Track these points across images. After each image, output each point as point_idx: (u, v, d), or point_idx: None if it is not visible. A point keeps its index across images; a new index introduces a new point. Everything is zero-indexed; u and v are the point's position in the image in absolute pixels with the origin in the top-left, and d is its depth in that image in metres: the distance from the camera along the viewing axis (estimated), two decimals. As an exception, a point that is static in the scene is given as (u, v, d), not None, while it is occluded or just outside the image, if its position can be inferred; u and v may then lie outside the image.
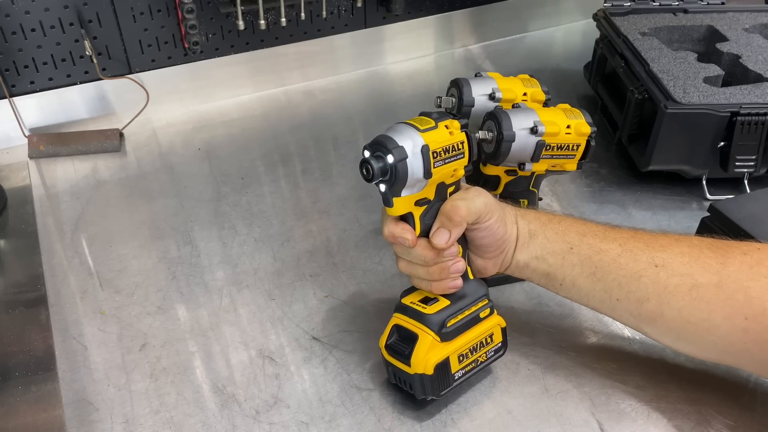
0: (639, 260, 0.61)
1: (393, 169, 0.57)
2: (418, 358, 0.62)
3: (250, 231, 0.88)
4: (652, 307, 0.60)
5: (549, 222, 0.65)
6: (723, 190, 0.92)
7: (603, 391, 0.68)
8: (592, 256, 0.62)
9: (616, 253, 0.62)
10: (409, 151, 0.57)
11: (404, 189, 0.58)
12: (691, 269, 0.59)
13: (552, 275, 0.65)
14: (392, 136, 0.57)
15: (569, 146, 0.69)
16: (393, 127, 0.59)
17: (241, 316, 0.76)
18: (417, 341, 0.62)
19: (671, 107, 0.86)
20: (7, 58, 0.97)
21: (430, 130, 0.58)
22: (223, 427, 0.65)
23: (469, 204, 0.61)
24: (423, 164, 0.57)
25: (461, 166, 0.61)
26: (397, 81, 1.20)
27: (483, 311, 0.66)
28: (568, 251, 0.63)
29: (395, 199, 0.59)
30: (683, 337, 0.61)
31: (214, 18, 1.05)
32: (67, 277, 0.81)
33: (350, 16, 1.16)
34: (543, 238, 0.64)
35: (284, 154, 1.02)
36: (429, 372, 0.61)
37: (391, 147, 0.57)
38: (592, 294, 0.63)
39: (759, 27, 1.05)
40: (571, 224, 0.65)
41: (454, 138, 0.60)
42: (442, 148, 0.59)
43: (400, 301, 0.66)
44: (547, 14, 1.35)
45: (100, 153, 1.02)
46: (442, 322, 0.62)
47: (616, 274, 0.61)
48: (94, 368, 0.70)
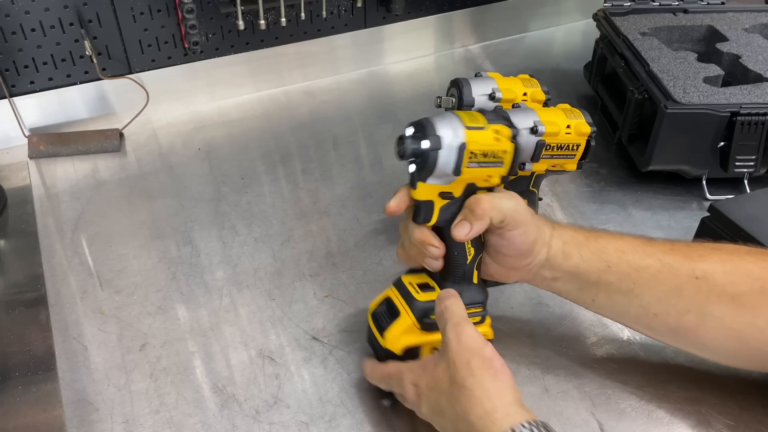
0: (679, 274, 0.60)
1: (424, 154, 0.56)
2: (391, 335, 0.63)
3: (250, 231, 0.88)
4: (692, 318, 0.59)
5: (586, 241, 0.63)
6: (723, 190, 0.92)
7: (603, 391, 0.68)
8: (630, 273, 0.61)
9: (656, 269, 0.60)
10: (446, 143, 0.56)
11: (431, 177, 0.58)
12: (733, 278, 0.59)
13: (584, 292, 0.64)
14: (435, 123, 0.56)
15: (569, 146, 0.69)
16: (442, 114, 0.58)
17: (241, 316, 0.76)
18: (397, 319, 0.63)
19: (671, 107, 0.86)
20: (7, 58, 0.97)
21: (476, 130, 0.57)
22: (223, 427, 0.65)
23: (494, 200, 0.59)
24: (455, 161, 0.56)
25: (497, 174, 0.60)
26: (397, 81, 1.20)
27: (473, 317, 0.65)
28: (606, 270, 0.62)
29: (420, 183, 0.59)
30: (726, 346, 0.60)
31: (214, 18, 1.05)
32: (67, 277, 0.81)
33: (350, 16, 1.16)
34: (578, 259, 0.63)
35: (284, 154, 1.02)
36: (396, 351, 0.63)
37: (428, 133, 0.56)
38: (627, 310, 0.62)
39: (759, 27, 1.05)
40: (609, 241, 0.63)
41: (499, 145, 0.58)
42: (482, 151, 0.57)
43: (400, 277, 0.67)
44: (547, 14, 1.34)
45: (100, 153, 1.02)
46: (427, 311, 0.63)
47: (655, 290, 0.60)
48: (94, 368, 0.70)
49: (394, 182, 0.95)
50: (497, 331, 0.74)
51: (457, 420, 0.53)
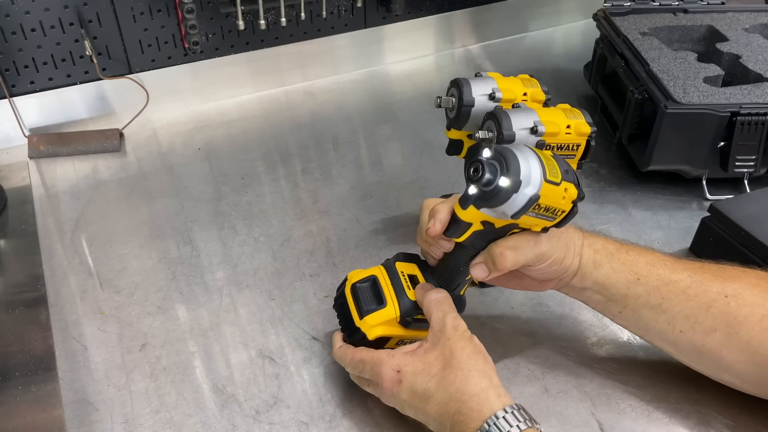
0: (709, 291, 0.59)
1: (496, 190, 0.53)
2: (372, 321, 0.63)
3: (250, 231, 0.88)
4: (719, 337, 0.59)
5: (617, 251, 0.63)
6: (723, 190, 0.92)
7: (603, 391, 0.68)
8: (660, 287, 0.61)
9: (686, 285, 0.60)
10: (523, 189, 0.53)
11: (487, 208, 0.56)
12: (763, 299, 0.58)
13: (612, 303, 0.63)
14: (521, 164, 0.53)
15: (569, 146, 0.69)
16: (528, 154, 0.54)
17: (241, 316, 0.76)
18: (382, 309, 0.63)
19: (671, 107, 0.86)
20: (7, 58, 0.97)
21: (552, 185, 0.55)
22: (223, 427, 0.65)
23: (518, 256, 0.59)
24: (521, 208, 0.54)
25: (542, 225, 0.59)
26: (397, 81, 1.20)
27: None
28: (635, 282, 0.62)
29: (472, 208, 0.57)
30: (749, 370, 0.59)
31: (214, 18, 1.05)
32: (67, 277, 0.81)
33: (350, 16, 1.16)
34: (608, 269, 0.63)
35: (284, 154, 1.02)
36: (370, 337, 0.63)
37: (512, 173, 0.53)
38: (652, 325, 0.62)
39: (759, 27, 1.05)
40: (640, 254, 0.63)
41: (563, 204, 0.56)
42: (546, 206, 0.56)
43: (394, 262, 0.67)
44: (547, 14, 1.34)
45: (100, 153, 1.02)
46: (413, 311, 0.64)
47: (683, 306, 0.60)
48: (94, 368, 0.70)
49: (394, 182, 0.96)
50: (497, 331, 0.74)
51: (449, 401, 0.56)
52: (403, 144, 1.04)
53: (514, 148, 0.55)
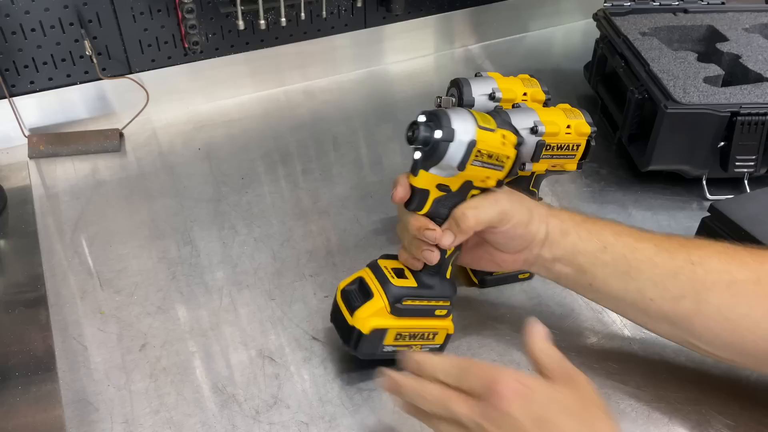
0: (675, 258, 0.60)
1: (435, 144, 0.57)
2: (363, 314, 0.64)
3: (250, 231, 0.88)
4: (688, 304, 0.59)
5: (583, 222, 0.65)
6: (723, 190, 0.92)
7: (603, 391, 0.68)
8: (626, 254, 0.62)
9: (652, 252, 0.61)
10: (458, 137, 0.57)
11: (434, 167, 0.59)
12: (729, 266, 0.59)
13: (582, 274, 0.64)
14: (450, 116, 0.57)
15: (569, 146, 0.69)
16: (458, 109, 0.59)
17: (241, 316, 0.76)
18: (369, 300, 0.64)
19: (671, 107, 0.86)
20: (7, 58, 0.97)
21: (487, 131, 0.58)
22: (223, 427, 0.65)
23: (479, 213, 0.61)
24: (462, 156, 0.57)
25: (495, 177, 0.61)
26: (397, 81, 1.20)
27: (439, 310, 0.67)
28: (602, 250, 0.63)
29: (422, 171, 0.60)
30: (721, 338, 0.59)
31: (214, 18, 1.05)
32: (67, 277, 0.81)
33: (350, 16, 1.16)
34: (575, 237, 0.64)
35: (284, 154, 1.02)
36: (364, 331, 0.64)
37: (444, 124, 0.57)
38: (623, 294, 0.62)
39: (759, 27, 1.05)
40: (606, 224, 0.65)
41: (504, 150, 0.60)
42: (488, 152, 0.59)
43: (376, 260, 0.68)
44: (547, 14, 1.34)
45: (100, 153, 1.02)
46: (400, 297, 0.64)
47: (651, 273, 0.61)
48: (94, 368, 0.70)
49: (394, 182, 0.96)
50: (497, 330, 0.74)
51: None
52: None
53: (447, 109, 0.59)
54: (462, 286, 0.80)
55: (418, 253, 0.64)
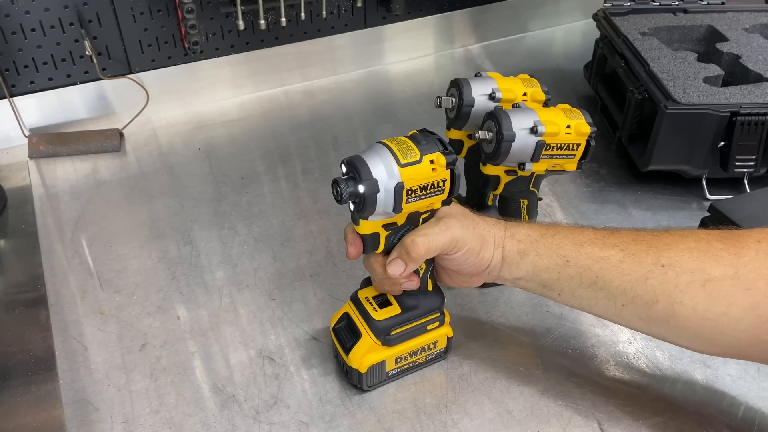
0: (643, 263, 0.58)
1: (361, 198, 0.55)
2: (356, 355, 0.64)
3: (250, 231, 0.88)
4: (662, 308, 0.57)
5: (542, 237, 0.62)
6: (723, 190, 0.92)
7: (603, 391, 0.68)
8: (591, 265, 0.60)
9: (618, 259, 0.59)
10: (382, 185, 0.55)
11: (372, 215, 0.58)
12: (702, 263, 0.56)
13: (549, 288, 0.63)
14: (369, 164, 0.55)
15: (569, 146, 0.69)
16: (375, 149, 0.57)
17: (241, 316, 0.76)
18: (359, 340, 0.64)
19: (671, 107, 0.86)
20: (7, 58, 0.97)
21: (412, 165, 0.56)
22: (223, 427, 0.65)
23: (429, 241, 0.59)
24: (394, 200, 0.56)
25: (439, 200, 0.60)
26: (397, 81, 1.20)
27: (431, 324, 0.67)
28: (564, 264, 0.61)
29: (362, 221, 0.59)
30: (701, 335, 0.58)
31: (214, 18, 1.05)
32: (67, 277, 0.81)
33: (350, 16, 1.16)
34: (534, 256, 0.62)
35: (284, 154, 1.02)
36: (362, 370, 0.65)
37: (364, 177, 0.55)
38: (594, 302, 0.61)
39: (759, 27, 1.05)
40: (566, 235, 0.62)
41: (436, 175, 0.57)
42: (419, 185, 0.57)
43: (357, 293, 0.67)
44: (547, 14, 1.35)
45: (100, 153, 1.02)
46: (387, 330, 0.64)
47: (619, 281, 0.59)
48: (94, 368, 0.70)
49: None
50: (497, 331, 0.74)
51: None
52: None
53: (365, 152, 0.57)
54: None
55: (394, 288, 0.64)
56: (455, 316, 0.75)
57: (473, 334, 0.74)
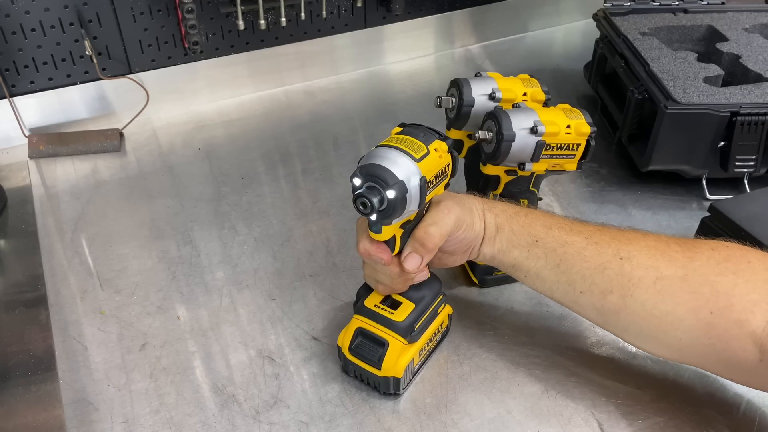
0: (604, 253, 0.61)
1: (391, 204, 0.55)
2: (390, 363, 0.64)
3: (250, 231, 0.88)
4: (615, 299, 0.60)
5: (516, 215, 0.65)
6: (723, 190, 0.92)
7: (603, 391, 0.68)
8: (556, 248, 0.62)
9: (581, 246, 0.62)
10: (410, 185, 0.55)
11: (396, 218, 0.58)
12: (657, 262, 0.59)
13: (517, 267, 0.65)
14: (390, 168, 0.55)
15: (569, 146, 0.69)
16: (384, 153, 0.56)
17: (241, 316, 0.76)
18: (388, 348, 0.64)
19: (671, 107, 0.86)
20: (7, 58, 0.97)
21: (425, 158, 0.57)
22: (223, 427, 0.65)
23: (441, 229, 0.61)
24: (420, 197, 0.57)
25: (443, 186, 0.61)
26: (397, 81, 1.20)
27: (440, 306, 0.69)
28: (534, 243, 0.63)
29: (385, 227, 0.59)
30: (646, 332, 0.60)
31: (214, 18, 1.05)
32: (67, 277, 0.81)
33: (350, 16, 1.16)
34: (509, 231, 0.64)
35: (284, 154, 1.02)
36: (399, 375, 0.64)
37: (391, 182, 0.55)
38: (555, 286, 0.64)
39: (759, 27, 1.05)
40: (537, 217, 0.65)
41: (443, 161, 0.59)
42: (434, 175, 0.58)
43: (363, 304, 0.66)
44: (547, 14, 1.35)
45: (100, 153, 1.02)
46: (410, 328, 0.64)
47: (580, 267, 0.61)
48: (94, 368, 0.70)
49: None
50: (497, 330, 0.74)
51: None
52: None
53: (376, 158, 0.56)
54: (462, 286, 0.80)
55: (407, 284, 0.65)
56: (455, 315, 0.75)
57: (473, 334, 0.74)
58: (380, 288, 0.66)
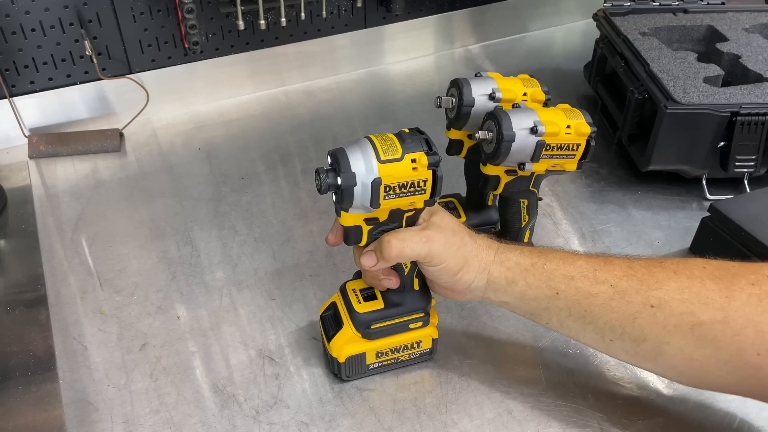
0: (633, 302, 0.57)
1: (342, 190, 0.56)
2: (336, 344, 0.66)
3: (250, 231, 0.88)
4: (650, 346, 0.57)
5: (532, 267, 0.61)
6: (723, 190, 0.92)
7: (603, 391, 0.68)
8: (580, 300, 0.59)
9: (607, 296, 0.58)
10: (360, 179, 0.55)
11: (352, 208, 0.58)
12: (692, 307, 0.55)
13: (536, 316, 0.63)
14: (349, 157, 0.56)
15: (569, 146, 0.69)
16: (359, 143, 0.57)
17: (241, 316, 0.76)
18: (341, 329, 0.66)
19: (671, 107, 0.86)
20: (7, 58, 0.97)
21: (391, 162, 0.56)
22: (223, 427, 0.65)
23: (404, 247, 0.59)
24: (371, 195, 0.56)
25: (421, 200, 0.59)
26: (397, 81, 1.20)
27: (414, 323, 0.66)
28: (554, 297, 0.60)
29: (343, 213, 0.59)
30: (687, 374, 0.58)
31: (214, 18, 1.05)
32: (67, 277, 0.81)
33: (350, 16, 1.16)
34: (524, 285, 0.61)
35: (284, 154, 1.02)
36: (340, 360, 0.66)
37: (342, 170, 0.55)
38: (582, 334, 0.61)
39: (759, 27, 1.05)
40: (557, 266, 0.61)
41: (417, 175, 0.57)
42: (398, 183, 0.56)
43: (345, 284, 0.68)
44: (547, 14, 1.35)
45: (100, 153, 1.02)
46: (367, 323, 0.65)
47: (608, 318, 0.58)
48: (94, 368, 0.70)
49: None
50: (497, 331, 0.74)
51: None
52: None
53: (349, 145, 0.57)
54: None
55: (375, 282, 0.65)
56: (456, 316, 0.75)
57: (473, 334, 0.74)
58: (363, 276, 0.67)
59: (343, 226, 0.61)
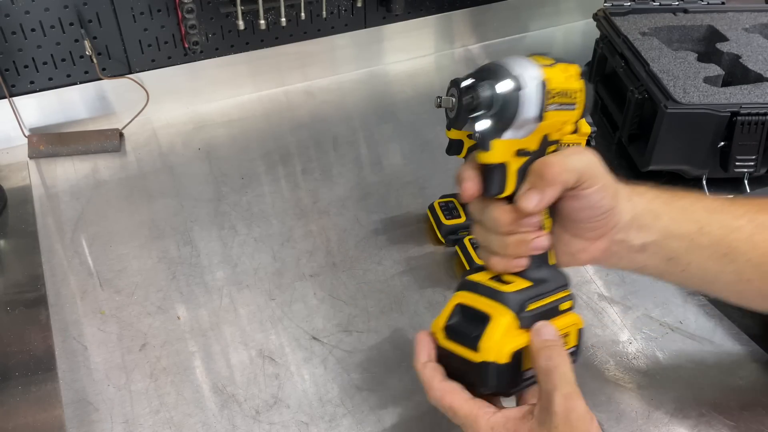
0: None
1: (505, 100, 0.47)
2: (490, 341, 0.49)
3: (250, 231, 0.88)
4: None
5: (672, 199, 0.56)
6: (723, 190, 0.92)
7: (603, 391, 0.68)
8: (725, 236, 0.54)
9: (750, 231, 0.54)
10: (528, 81, 0.47)
11: (509, 130, 0.49)
12: None
13: (675, 260, 0.55)
14: (506, 62, 0.48)
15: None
16: (502, 59, 0.49)
17: (241, 316, 0.76)
18: (489, 323, 0.50)
19: (671, 107, 0.86)
20: (7, 58, 0.97)
21: (551, 67, 0.49)
22: (223, 427, 0.65)
23: (565, 160, 0.50)
24: (539, 101, 0.48)
25: (571, 120, 0.51)
26: (397, 81, 1.20)
27: (563, 303, 0.54)
28: (698, 232, 0.54)
29: (495, 142, 0.49)
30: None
31: (214, 18, 1.05)
32: (67, 277, 0.81)
33: (350, 16, 1.16)
34: (668, 219, 0.55)
35: (284, 154, 1.02)
36: (502, 360, 0.49)
37: (504, 75, 0.47)
38: (719, 277, 0.56)
39: (759, 27, 1.05)
40: (696, 199, 0.56)
41: (571, 84, 0.50)
42: (558, 90, 0.49)
43: (466, 278, 0.55)
44: (547, 14, 1.34)
45: (100, 153, 1.02)
46: (522, 303, 0.51)
47: (750, 254, 0.54)
48: (94, 368, 0.70)
49: (394, 182, 0.96)
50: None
51: None
52: (403, 144, 1.04)
53: (486, 64, 0.50)
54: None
55: (521, 248, 0.52)
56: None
57: (473, 334, 0.74)
58: (493, 261, 0.54)
59: (486, 166, 0.50)
